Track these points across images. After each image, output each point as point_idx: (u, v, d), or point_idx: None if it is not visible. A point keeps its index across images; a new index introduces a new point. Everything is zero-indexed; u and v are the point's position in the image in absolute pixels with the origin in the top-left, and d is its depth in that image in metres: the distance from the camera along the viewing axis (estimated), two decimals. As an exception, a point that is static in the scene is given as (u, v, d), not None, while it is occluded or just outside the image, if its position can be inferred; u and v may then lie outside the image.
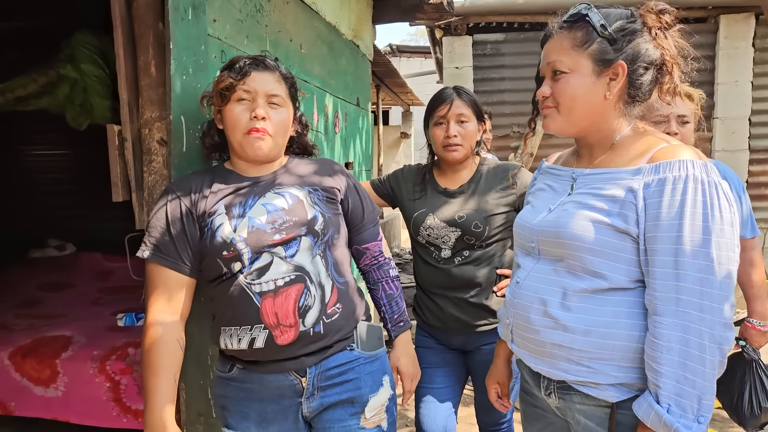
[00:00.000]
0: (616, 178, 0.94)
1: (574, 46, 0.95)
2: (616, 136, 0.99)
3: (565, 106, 0.98)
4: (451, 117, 1.57)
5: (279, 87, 1.16)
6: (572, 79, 0.95)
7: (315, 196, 1.20)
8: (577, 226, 0.95)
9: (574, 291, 0.96)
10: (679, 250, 0.85)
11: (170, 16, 1.21)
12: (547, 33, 1.02)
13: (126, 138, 1.29)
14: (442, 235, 1.60)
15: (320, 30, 2.23)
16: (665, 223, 0.86)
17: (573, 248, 0.95)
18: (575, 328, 0.95)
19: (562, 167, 1.10)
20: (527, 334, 1.03)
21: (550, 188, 1.10)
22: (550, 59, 0.98)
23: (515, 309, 1.06)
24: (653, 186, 0.88)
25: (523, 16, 3.53)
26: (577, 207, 0.98)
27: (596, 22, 0.93)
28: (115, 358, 1.94)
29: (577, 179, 1.03)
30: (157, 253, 1.11)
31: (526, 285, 1.04)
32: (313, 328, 1.13)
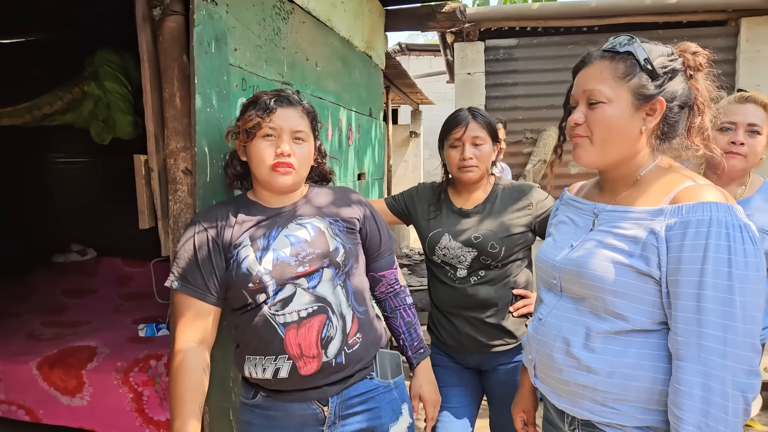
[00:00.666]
0: (637, 218, 0.94)
1: (615, 77, 0.95)
2: (641, 171, 0.99)
3: (599, 137, 0.97)
4: (466, 139, 1.59)
5: (302, 122, 1.19)
6: (610, 110, 0.95)
7: (336, 227, 1.23)
8: (599, 266, 0.95)
9: (597, 332, 0.96)
10: (701, 295, 0.84)
11: (195, 50, 1.25)
12: (584, 59, 1.01)
13: (152, 168, 1.33)
14: (458, 255, 1.62)
15: (335, 46, 2.26)
16: (687, 267, 0.85)
17: (595, 289, 0.95)
18: (599, 369, 0.96)
19: (585, 201, 1.09)
20: (550, 372, 1.04)
21: (572, 222, 1.10)
22: (588, 87, 0.97)
23: (538, 345, 1.07)
24: (675, 229, 0.87)
25: (536, 21, 3.50)
26: (598, 246, 0.98)
27: (641, 56, 0.94)
28: (138, 370, 2.01)
29: (599, 215, 1.03)
30: (184, 283, 1.15)
31: (549, 322, 1.05)
32: (335, 359, 1.16)
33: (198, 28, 1.25)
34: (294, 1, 1.83)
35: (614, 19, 3.47)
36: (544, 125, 3.70)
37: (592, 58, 0.99)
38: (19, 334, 2.37)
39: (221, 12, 1.36)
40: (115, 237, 3.55)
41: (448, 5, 2.87)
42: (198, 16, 1.25)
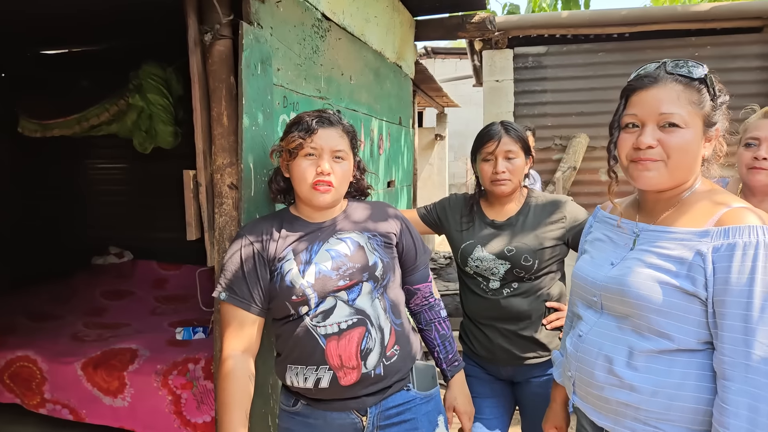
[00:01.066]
0: (682, 239, 0.95)
1: (691, 102, 0.95)
2: (685, 193, 1.01)
3: (675, 162, 0.96)
4: (499, 153, 1.60)
5: (342, 141, 1.24)
6: (687, 135, 0.95)
7: (374, 242, 1.27)
8: (644, 286, 0.96)
9: (640, 351, 0.97)
10: (748, 316, 0.86)
11: (243, 73, 1.31)
12: (651, 78, 0.98)
13: (200, 183, 1.39)
14: (491, 267, 1.63)
15: (368, 59, 2.31)
16: (735, 288, 0.87)
17: (639, 308, 0.96)
18: (642, 388, 0.96)
19: (623, 219, 1.10)
20: (591, 389, 1.05)
21: (610, 240, 1.11)
22: (666, 110, 0.94)
23: (578, 363, 1.08)
24: (723, 251, 0.89)
25: (566, 29, 3.49)
26: (642, 266, 0.98)
27: (714, 87, 0.97)
28: (177, 373, 2.09)
29: (640, 235, 1.04)
30: (231, 294, 1.20)
31: (590, 339, 1.06)
32: (374, 370, 1.20)
33: (246, 52, 1.31)
34: (331, 19, 1.89)
35: (646, 26, 3.43)
36: (573, 132, 3.68)
37: (661, 79, 0.97)
38: (64, 335, 2.48)
39: (266, 35, 1.42)
40: (150, 240, 3.68)
41: (477, 15, 2.89)
42: (246, 41, 1.31)
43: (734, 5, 3.46)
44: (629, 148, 1.00)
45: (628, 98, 1.02)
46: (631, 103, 1.00)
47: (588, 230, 1.23)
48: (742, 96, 3.55)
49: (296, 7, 1.63)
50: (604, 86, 3.61)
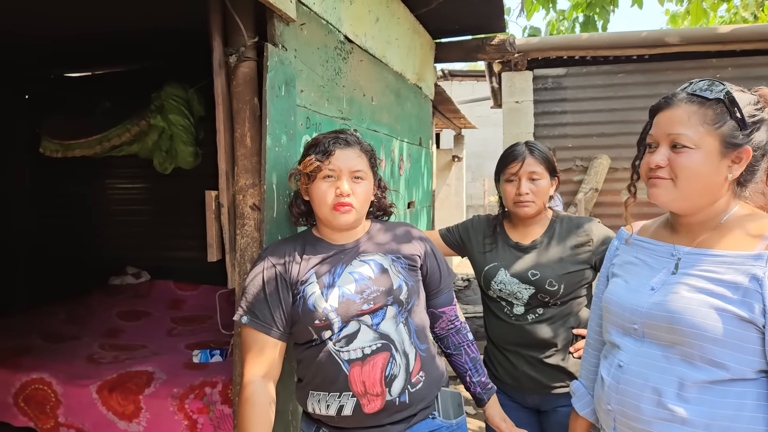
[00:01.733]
0: (733, 263, 0.92)
1: (704, 123, 0.94)
2: (724, 216, 0.98)
3: (684, 181, 0.96)
4: (522, 175, 1.57)
5: (361, 161, 1.21)
6: (696, 156, 0.94)
7: (398, 264, 1.24)
8: (698, 313, 0.91)
9: (692, 381, 0.92)
10: None
11: (267, 95, 1.30)
12: (668, 100, 1.00)
13: (222, 204, 1.38)
14: (515, 291, 1.58)
15: (389, 80, 2.31)
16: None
17: (692, 336, 0.92)
18: (696, 421, 0.92)
19: (657, 241, 1.07)
20: (636, 424, 0.99)
21: (644, 263, 1.07)
22: (674, 131, 0.96)
23: (620, 396, 1.02)
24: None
25: (585, 50, 3.47)
26: (692, 291, 0.94)
27: (732, 105, 0.93)
28: (193, 397, 2.04)
29: (681, 258, 1.00)
30: (253, 318, 1.17)
31: (632, 370, 1.01)
32: (399, 398, 1.15)
33: (271, 74, 1.30)
34: (353, 41, 1.89)
35: (666, 48, 3.40)
36: (594, 153, 3.62)
37: (677, 100, 0.98)
38: (79, 357, 2.46)
39: (290, 57, 1.43)
40: (168, 260, 3.69)
41: (497, 38, 2.90)
42: (271, 63, 1.31)
43: (755, 27, 3.41)
44: (647, 167, 1.01)
45: (652, 118, 1.03)
46: (653, 124, 1.01)
47: (614, 253, 1.19)
48: None
49: (320, 30, 1.64)
50: (625, 107, 3.57)
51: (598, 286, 1.24)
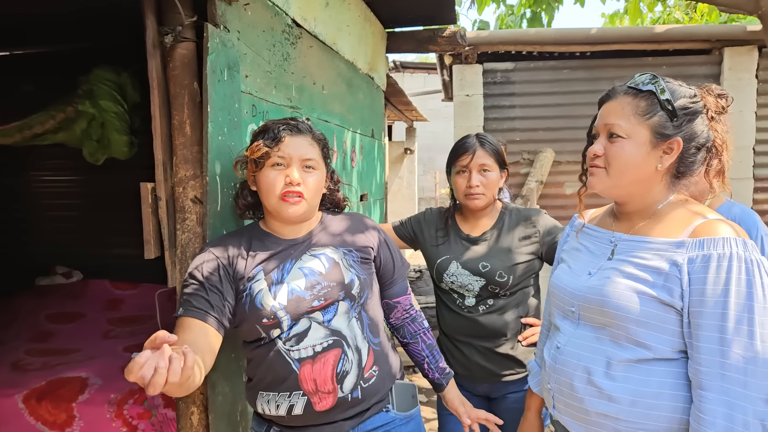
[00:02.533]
0: (659, 249, 0.97)
1: (636, 113, 0.97)
2: (658, 205, 1.02)
3: (615, 170, 1.00)
4: (473, 167, 1.57)
5: (312, 150, 1.16)
6: (627, 146, 0.98)
7: (350, 258, 1.20)
8: (623, 296, 0.96)
9: (618, 360, 0.98)
10: (724, 327, 0.87)
11: (208, 79, 1.21)
12: (609, 93, 1.04)
13: (160, 197, 1.28)
14: (466, 284, 1.59)
15: (340, 68, 2.24)
16: (711, 299, 0.89)
17: (618, 318, 0.97)
18: (621, 398, 0.96)
19: (600, 228, 1.11)
20: (571, 401, 1.04)
21: (587, 249, 1.11)
22: (609, 121, 1.00)
23: (557, 375, 1.06)
24: (698, 262, 0.91)
25: (533, 45, 3.55)
26: (620, 276, 0.99)
27: (662, 96, 0.96)
28: (133, 402, 1.92)
29: (617, 244, 1.04)
30: (188, 307, 1.07)
31: (568, 351, 1.05)
32: (351, 394, 1.13)
33: (212, 56, 1.21)
34: (302, 26, 1.81)
35: (606, 45, 3.54)
36: (540, 147, 3.73)
37: (617, 93, 1.02)
38: (2, 364, 2.25)
39: (233, 39, 1.33)
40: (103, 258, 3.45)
41: (449, 29, 2.90)
42: (212, 44, 1.21)
43: (686, 28, 3.62)
44: (588, 157, 1.05)
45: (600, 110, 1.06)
46: (598, 117, 1.05)
47: (565, 239, 1.22)
48: (699, 113, 3.70)
49: (265, 11, 1.55)
50: (569, 102, 3.70)
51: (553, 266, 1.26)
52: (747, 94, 3.65)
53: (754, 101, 3.67)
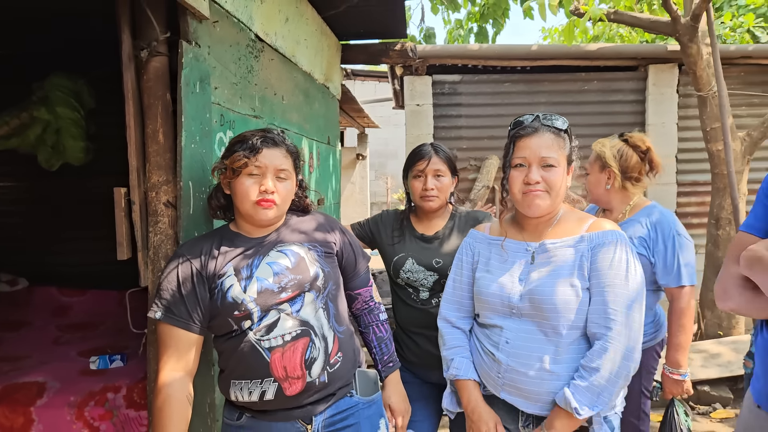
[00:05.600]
0: (569, 246, 1.26)
1: (560, 148, 1.27)
2: (558, 214, 1.33)
3: (554, 191, 1.26)
4: (428, 172, 1.75)
5: (286, 161, 1.28)
6: (559, 172, 1.27)
7: (315, 252, 1.32)
8: (561, 292, 1.21)
9: (562, 345, 1.22)
10: (608, 291, 1.19)
11: (182, 91, 1.31)
12: (531, 128, 1.28)
13: (134, 201, 1.36)
14: (420, 279, 1.76)
15: (298, 80, 2.37)
16: (602, 272, 1.21)
17: (557, 310, 1.21)
18: (566, 375, 1.21)
19: (512, 240, 1.35)
20: (523, 385, 1.24)
21: (504, 259, 1.34)
22: (543, 154, 1.25)
23: (511, 365, 1.26)
24: (594, 249, 1.24)
25: (477, 60, 3.82)
26: (548, 274, 1.24)
27: (571, 134, 1.30)
28: (94, 404, 1.93)
29: (535, 251, 1.30)
30: (168, 314, 1.18)
31: (518, 345, 1.25)
32: (319, 378, 1.24)
33: (186, 71, 1.31)
34: (264, 40, 1.93)
35: (545, 61, 3.86)
36: (485, 154, 4.00)
37: (539, 130, 1.27)
38: (-50, 372, 2.18)
39: (204, 54, 1.44)
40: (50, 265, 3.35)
41: (400, 44, 3.08)
42: (186, 59, 1.31)
43: (615, 47, 4.02)
44: (521, 183, 1.27)
45: (515, 144, 1.30)
46: (518, 148, 1.28)
47: (473, 251, 1.42)
48: (621, 125, 4.10)
49: (232, 28, 1.66)
50: (510, 113, 4.00)
51: (460, 272, 1.44)
52: (669, 108, 4.10)
53: (676, 114, 4.12)
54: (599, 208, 1.99)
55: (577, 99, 4.01)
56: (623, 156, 1.82)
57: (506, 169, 1.32)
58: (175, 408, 1.15)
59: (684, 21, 2.91)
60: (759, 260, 1.00)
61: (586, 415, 1.15)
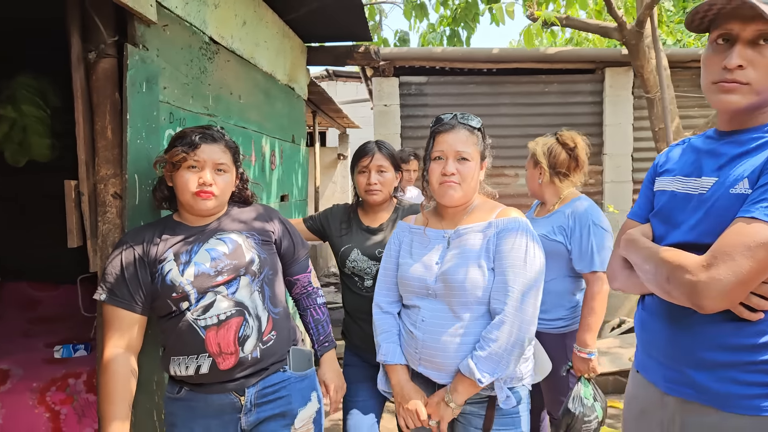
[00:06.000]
0: (479, 231, 1.39)
1: (474, 144, 1.42)
2: (473, 204, 1.46)
3: (466, 183, 1.40)
4: (372, 167, 1.88)
5: (224, 156, 1.39)
6: (472, 165, 1.41)
7: (252, 240, 1.43)
8: (469, 273, 1.34)
9: (469, 319, 1.36)
10: (509, 271, 1.33)
11: (128, 91, 1.42)
12: (449, 124, 1.42)
13: (83, 193, 1.46)
14: (365, 267, 1.88)
15: (257, 80, 2.47)
16: (505, 254, 1.35)
17: (467, 288, 1.34)
18: (471, 346, 1.34)
19: (432, 228, 1.49)
20: (437, 358, 1.37)
21: (424, 245, 1.47)
22: (459, 148, 1.39)
23: (426, 341, 1.38)
24: (500, 234, 1.38)
25: (442, 62, 3.96)
26: (462, 258, 1.37)
27: (484, 133, 1.48)
28: (56, 389, 2.02)
29: (450, 237, 1.43)
30: (112, 296, 1.30)
31: (433, 322, 1.38)
32: (251, 354, 1.35)
33: (131, 72, 1.42)
34: (220, 43, 2.03)
35: (507, 64, 4.02)
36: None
37: (456, 127, 1.42)
38: None
39: (152, 56, 1.54)
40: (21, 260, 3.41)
41: (363, 46, 3.20)
42: (131, 62, 1.42)
43: (574, 50, 4.19)
44: (438, 174, 1.40)
45: (434, 139, 1.44)
46: (437, 142, 1.42)
47: (400, 240, 1.56)
48: (580, 125, 4.27)
49: (184, 31, 1.76)
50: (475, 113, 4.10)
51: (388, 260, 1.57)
52: (625, 109, 4.28)
53: (631, 115, 4.30)
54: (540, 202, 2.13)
55: (538, 100, 4.16)
56: (552, 153, 1.97)
57: (427, 161, 1.46)
58: (119, 381, 1.25)
59: (630, 27, 3.08)
60: (633, 242, 1.14)
61: (487, 381, 1.28)
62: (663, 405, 1.10)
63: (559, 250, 1.91)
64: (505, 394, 1.33)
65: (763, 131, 1.01)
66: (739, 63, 0.97)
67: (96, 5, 1.42)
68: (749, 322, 0.97)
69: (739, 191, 0.98)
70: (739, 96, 0.99)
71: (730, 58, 0.98)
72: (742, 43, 0.98)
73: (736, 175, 0.99)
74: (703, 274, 0.93)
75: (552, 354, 1.97)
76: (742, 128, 1.04)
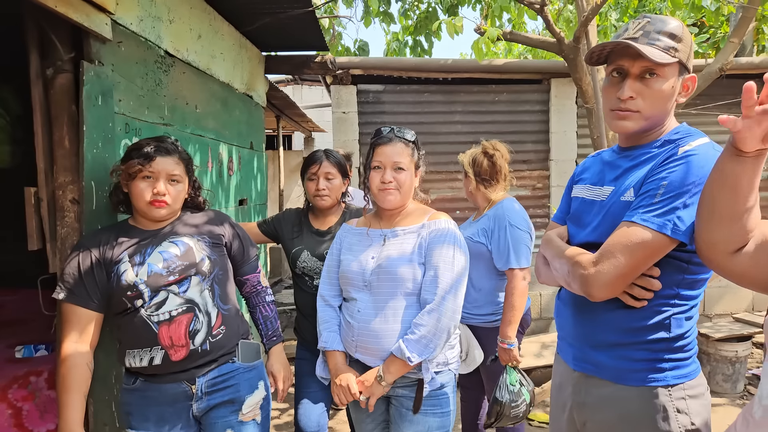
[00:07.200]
0: (413, 232, 1.57)
1: (409, 155, 1.59)
2: (408, 208, 1.65)
3: (403, 189, 1.58)
4: (320, 174, 2.04)
5: (178, 167, 1.51)
6: (408, 174, 1.58)
7: (203, 243, 1.57)
8: (402, 266, 1.52)
9: (401, 308, 1.53)
10: (439, 268, 1.51)
11: (84, 104, 1.54)
12: (387, 137, 1.59)
13: (42, 198, 1.57)
14: (314, 268, 2.04)
15: (214, 90, 2.60)
16: (435, 253, 1.53)
17: (399, 280, 1.52)
18: (402, 332, 1.51)
19: (371, 229, 1.66)
20: (371, 345, 1.54)
21: (363, 243, 1.65)
22: (397, 159, 1.56)
23: (362, 330, 1.55)
24: (431, 235, 1.56)
25: (398, 71, 4.15)
26: (396, 254, 1.55)
27: (419, 145, 1.65)
28: (17, 387, 2.09)
29: (387, 235, 1.61)
30: (70, 295, 1.41)
31: (368, 312, 1.55)
32: (201, 347, 1.49)
33: (87, 87, 1.54)
34: (175, 56, 2.16)
35: (459, 74, 4.24)
36: (408, 158, 4.33)
37: (393, 140, 1.58)
38: None
39: (107, 72, 1.67)
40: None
41: (320, 56, 3.36)
42: (87, 77, 1.54)
43: (522, 62, 4.46)
44: (378, 182, 1.58)
45: (374, 150, 1.61)
46: (376, 153, 1.60)
47: (342, 240, 1.73)
48: (528, 132, 4.54)
49: (138, 47, 1.89)
50: (429, 121, 4.36)
51: (331, 257, 1.74)
52: (569, 117, 4.56)
53: (575, 123, 4.58)
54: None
55: (489, 108, 4.41)
56: (476, 162, 2.18)
57: (367, 170, 1.63)
58: (76, 373, 1.37)
59: (568, 42, 3.34)
60: (548, 242, 1.34)
61: (416, 360, 1.46)
62: (572, 379, 1.30)
63: (481, 251, 2.11)
64: (430, 375, 1.51)
65: (651, 147, 1.21)
66: (630, 95, 1.17)
67: (53, 24, 1.54)
68: (637, 309, 1.16)
69: (627, 199, 1.17)
70: (632, 122, 1.19)
71: (622, 91, 1.17)
72: (632, 77, 1.17)
73: (626, 185, 1.19)
74: (592, 269, 1.12)
75: (486, 346, 2.19)
76: (635, 145, 1.25)
